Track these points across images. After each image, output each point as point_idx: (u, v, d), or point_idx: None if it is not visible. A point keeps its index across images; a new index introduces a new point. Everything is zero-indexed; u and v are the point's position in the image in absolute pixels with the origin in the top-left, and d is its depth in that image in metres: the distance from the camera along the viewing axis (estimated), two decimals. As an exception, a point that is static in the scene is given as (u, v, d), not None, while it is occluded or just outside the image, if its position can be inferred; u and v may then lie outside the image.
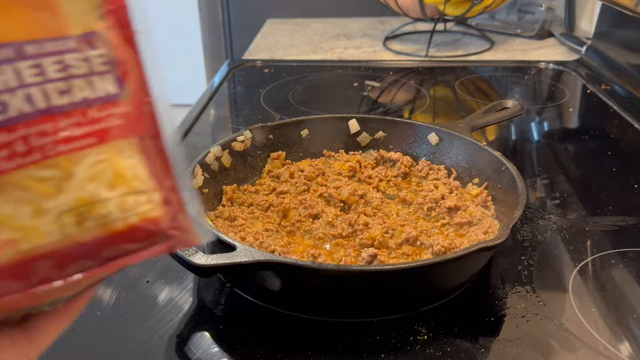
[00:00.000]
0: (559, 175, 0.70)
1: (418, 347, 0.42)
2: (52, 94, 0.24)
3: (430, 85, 1.01)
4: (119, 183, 0.25)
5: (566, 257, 0.53)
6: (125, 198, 0.25)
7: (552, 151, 0.77)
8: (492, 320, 0.45)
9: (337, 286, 0.44)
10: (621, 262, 0.52)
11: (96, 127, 0.25)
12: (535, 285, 0.48)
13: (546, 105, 0.94)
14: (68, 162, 0.24)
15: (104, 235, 0.25)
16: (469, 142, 0.61)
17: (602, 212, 0.60)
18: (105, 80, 0.26)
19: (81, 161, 0.24)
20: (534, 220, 0.58)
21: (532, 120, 0.87)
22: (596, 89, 0.95)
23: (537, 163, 0.75)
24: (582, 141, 0.80)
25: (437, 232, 0.52)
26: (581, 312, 0.45)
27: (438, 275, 0.45)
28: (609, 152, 0.74)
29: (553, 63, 1.08)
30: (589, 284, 0.49)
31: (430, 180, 0.61)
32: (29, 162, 0.23)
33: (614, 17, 1.03)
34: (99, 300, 0.47)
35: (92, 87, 0.25)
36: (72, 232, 0.24)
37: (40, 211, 0.24)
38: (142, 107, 0.27)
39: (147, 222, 0.26)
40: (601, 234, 0.56)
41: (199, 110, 0.89)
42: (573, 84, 1.01)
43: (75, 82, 0.25)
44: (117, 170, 0.25)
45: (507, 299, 0.47)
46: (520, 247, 0.54)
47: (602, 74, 1.00)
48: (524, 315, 0.45)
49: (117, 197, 0.25)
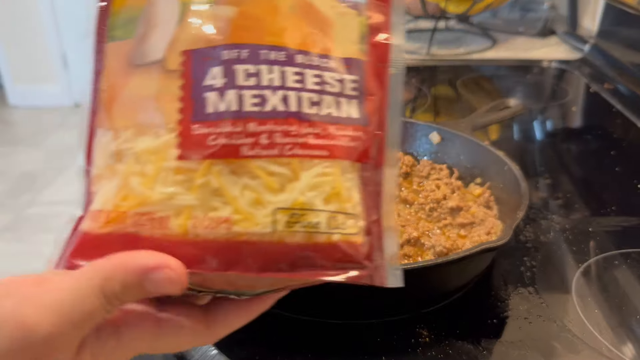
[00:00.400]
0: (561, 175, 0.69)
1: (419, 349, 0.42)
2: (304, 102, 0.26)
3: (432, 83, 1.01)
4: (334, 199, 0.26)
5: (569, 258, 0.52)
6: (336, 215, 0.26)
7: (554, 151, 0.77)
8: (494, 322, 0.45)
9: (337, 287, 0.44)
10: (624, 262, 0.52)
11: (331, 142, 0.27)
12: (537, 287, 0.48)
13: (549, 104, 0.93)
14: (299, 166, 0.26)
15: (307, 243, 0.25)
16: (471, 141, 0.60)
17: (605, 212, 0.60)
18: (351, 104, 0.28)
19: (310, 168, 0.26)
20: (536, 220, 0.58)
21: (535, 120, 0.86)
22: (599, 88, 0.94)
23: (540, 163, 0.74)
24: (585, 141, 0.79)
25: (439, 233, 0.52)
26: (584, 313, 0.45)
27: (440, 276, 0.45)
28: (612, 151, 0.74)
29: (556, 62, 1.08)
30: (592, 285, 0.49)
31: (432, 180, 0.60)
32: (266, 154, 0.25)
33: (618, 16, 1.02)
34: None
35: (338, 106, 0.27)
36: (280, 231, 0.25)
37: (261, 202, 0.25)
38: (374, 138, 0.29)
39: (347, 244, 0.26)
40: (604, 235, 0.56)
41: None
42: (576, 83, 1.00)
43: (326, 97, 0.27)
44: (336, 186, 0.26)
45: (510, 300, 0.47)
46: (523, 247, 0.53)
47: (605, 73, 0.99)
48: (527, 316, 0.45)
49: (328, 212, 0.26)
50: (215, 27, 0.26)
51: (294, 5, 0.28)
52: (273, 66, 0.26)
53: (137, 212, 0.25)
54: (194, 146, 0.25)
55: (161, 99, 0.26)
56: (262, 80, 0.26)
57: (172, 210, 0.25)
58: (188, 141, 0.25)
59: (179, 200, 0.25)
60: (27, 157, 2.51)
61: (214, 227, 0.24)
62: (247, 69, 0.26)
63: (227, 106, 0.25)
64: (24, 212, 2.08)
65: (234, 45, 0.26)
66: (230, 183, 0.25)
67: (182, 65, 0.26)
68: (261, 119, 0.25)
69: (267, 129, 0.25)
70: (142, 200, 0.25)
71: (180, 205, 0.25)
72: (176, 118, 0.25)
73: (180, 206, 0.25)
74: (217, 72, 0.26)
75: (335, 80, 0.27)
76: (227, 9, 0.27)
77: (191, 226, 0.24)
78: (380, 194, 0.29)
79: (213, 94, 0.25)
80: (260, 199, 0.25)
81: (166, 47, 0.27)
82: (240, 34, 0.26)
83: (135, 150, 0.26)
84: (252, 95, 0.25)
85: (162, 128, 0.26)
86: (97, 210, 0.26)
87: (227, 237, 0.25)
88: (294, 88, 0.26)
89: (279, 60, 0.26)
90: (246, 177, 0.25)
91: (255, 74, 0.26)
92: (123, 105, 0.27)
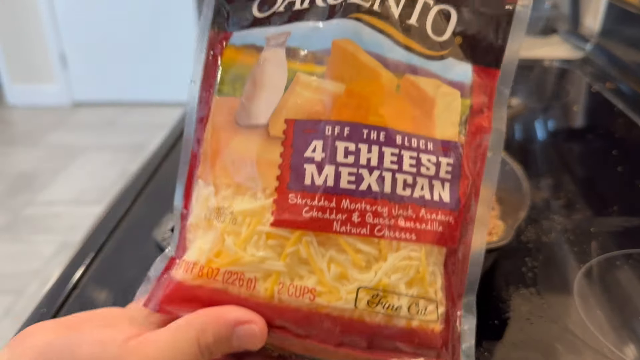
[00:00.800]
0: (563, 175, 0.69)
1: (420, 350, 0.41)
2: (399, 184, 0.26)
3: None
4: (417, 283, 0.26)
5: (571, 259, 0.52)
6: (417, 300, 0.26)
7: (556, 150, 0.76)
8: (495, 323, 0.44)
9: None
10: (626, 263, 0.51)
11: (421, 226, 0.27)
12: (539, 287, 0.48)
13: (550, 103, 0.93)
14: (386, 247, 0.26)
15: (386, 325, 0.26)
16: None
17: (607, 212, 0.59)
18: (444, 188, 0.28)
19: (397, 250, 0.26)
20: (538, 220, 0.57)
21: (536, 119, 0.86)
22: (601, 88, 0.94)
23: (541, 162, 0.74)
24: (587, 140, 0.79)
25: (440, 233, 0.52)
26: (586, 314, 0.45)
27: (440, 277, 0.45)
28: (614, 151, 0.73)
29: (557, 61, 1.07)
30: (594, 285, 0.49)
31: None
32: (356, 232, 0.26)
33: (620, 15, 1.02)
34: (94, 303, 0.46)
35: (431, 189, 0.27)
36: (361, 309, 0.26)
37: (346, 277, 0.26)
38: (464, 223, 0.28)
39: (426, 330, 0.26)
40: (606, 235, 0.55)
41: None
42: (578, 82, 1.00)
43: (420, 180, 0.27)
44: (420, 271, 0.26)
45: (511, 301, 0.46)
46: (524, 248, 0.53)
47: (607, 72, 0.99)
48: (528, 317, 0.44)
49: (411, 296, 0.26)
50: (321, 100, 0.27)
51: (400, 85, 0.28)
52: (372, 146, 0.26)
53: (228, 270, 0.26)
54: (288, 215, 0.26)
55: (261, 163, 0.27)
56: (360, 159, 0.26)
57: (261, 273, 0.26)
58: (283, 209, 0.26)
59: (269, 265, 0.26)
60: (25, 156, 2.50)
61: (298, 296, 0.25)
62: (347, 146, 0.26)
63: (324, 180, 0.26)
64: (22, 212, 2.07)
65: (337, 122, 0.27)
66: (318, 254, 0.26)
67: (285, 134, 0.27)
68: (355, 197, 0.26)
69: (360, 208, 0.26)
70: (234, 260, 0.26)
71: (269, 269, 0.26)
72: (274, 185, 0.26)
73: (269, 270, 0.26)
74: (317, 146, 0.26)
75: (431, 162, 0.27)
76: (334, 85, 0.27)
77: (277, 291, 0.25)
78: (463, 280, 0.28)
79: (312, 167, 0.26)
80: (345, 274, 0.26)
81: (271, 113, 0.27)
82: (345, 111, 0.27)
83: (233, 210, 0.27)
84: (349, 172, 0.26)
85: (260, 192, 0.27)
86: (192, 262, 0.27)
87: (310, 307, 0.25)
88: (389, 169, 0.26)
89: (379, 140, 0.26)
90: (334, 250, 0.26)
91: (354, 152, 0.26)
92: (225, 163, 0.28)
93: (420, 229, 0.26)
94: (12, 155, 2.51)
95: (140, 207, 0.59)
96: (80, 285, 0.48)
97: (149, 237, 0.52)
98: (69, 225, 1.96)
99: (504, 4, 0.30)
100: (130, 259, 0.51)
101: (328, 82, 0.27)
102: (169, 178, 0.64)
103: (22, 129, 2.82)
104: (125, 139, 2.65)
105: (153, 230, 0.52)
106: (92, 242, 0.53)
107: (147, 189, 0.63)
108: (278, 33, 0.29)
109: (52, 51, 2.89)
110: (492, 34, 0.30)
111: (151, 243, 0.51)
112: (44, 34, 2.85)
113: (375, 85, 0.27)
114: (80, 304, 0.45)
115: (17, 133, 2.78)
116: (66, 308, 0.45)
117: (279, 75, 0.28)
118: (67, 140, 2.64)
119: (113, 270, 0.50)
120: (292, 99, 0.27)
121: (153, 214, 0.55)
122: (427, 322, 0.26)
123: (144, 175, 0.66)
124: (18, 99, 2.99)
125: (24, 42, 2.87)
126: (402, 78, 0.28)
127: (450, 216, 0.27)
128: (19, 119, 2.92)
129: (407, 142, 0.27)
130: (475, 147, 0.29)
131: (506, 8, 0.30)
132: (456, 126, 0.29)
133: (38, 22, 2.82)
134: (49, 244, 1.86)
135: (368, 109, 0.27)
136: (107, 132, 2.75)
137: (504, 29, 0.30)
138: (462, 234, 0.28)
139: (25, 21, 2.82)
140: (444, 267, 0.28)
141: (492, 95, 0.30)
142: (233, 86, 0.30)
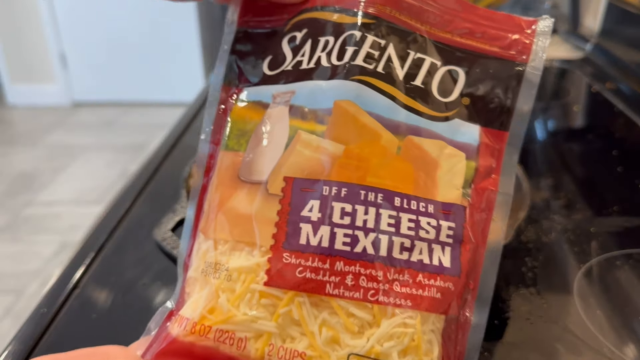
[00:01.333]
0: (563, 175, 0.69)
1: (420, 350, 0.41)
2: (395, 247, 0.26)
3: (433, 83, 1.00)
4: (411, 352, 0.25)
5: (571, 259, 0.52)
6: None
7: (556, 150, 0.76)
8: (495, 323, 0.44)
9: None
10: (626, 263, 0.51)
11: (417, 291, 0.26)
12: (539, 287, 0.48)
13: (550, 103, 0.93)
14: (380, 312, 0.25)
15: None
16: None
17: (607, 212, 0.59)
18: (445, 252, 0.27)
19: (391, 317, 0.25)
20: (538, 220, 0.57)
21: (536, 119, 0.86)
22: (601, 88, 0.94)
23: (541, 162, 0.74)
24: (587, 140, 0.79)
25: (440, 233, 0.52)
26: (586, 314, 0.45)
27: (440, 277, 0.44)
28: (614, 151, 0.73)
29: (557, 61, 1.07)
30: (594, 286, 0.49)
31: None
32: (349, 296, 0.25)
33: (620, 15, 1.02)
34: (94, 303, 0.46)
35: (430, 253, 0.26)
36: None
37: (337, 342, 0.25)
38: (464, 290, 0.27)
39: None
40: (606, 235, 0.55)
41: (196, 109, 0.88)
42: (577, 82, 1.00)
43: (419, 243, 0.26)
44: (415, 339, 0.25)
45: (511, 301, 0.46)
46: (524, 248, 0.53)
47: (607, 73, 0.99)
48: (528, 317, 0.44)
49: None
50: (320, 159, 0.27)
51: (402, 146, 0.28)
52: (369, 207, 0.26)
53: (220, 329, 0.26)
54: (282, 274, 0.25)
55: (259, 220, 0.27)
56: (356, 220, 0.26)
57: (252, 333, 0.25)
58: (277, 268, 0.26)
59: (261, 325, 0.25)
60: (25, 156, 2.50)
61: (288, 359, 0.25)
62: (344, 207, 0.26)
63: (319, 241, 0.25)
64: (21, 212, 2.07)
65: (334, 183, 0.26)
66: (311, 316, 0.25)
67: (283, 191, 0.27)
68: (349, 260, 0.25)
69: (354, 270, 0.25)
70: (226, 318, 0.26)
71: (261, 330, 0.25)
72: (270, 243, 0.26)
73: (260, 330, 0.25)
74: (314, 205, 0.26)
75: (431, 226, 0.27)
76: (334, 145, 0.27)
77: (267, 352, 0.25)
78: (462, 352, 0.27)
79: (308, 226, 0.26)
80: (337, 339, 0.25)
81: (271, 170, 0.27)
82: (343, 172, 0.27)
83: (229, 266, 0.27)
84: (344, 234, 0.26)
85: (256, 249, 0.26)
86: (186, 317, 0.27)
87: None
88: (386, 231, 0.26)
89: (376, 202, 0.26)
90: (327, 312, 0.25)
91: (351, 214, 0.26)
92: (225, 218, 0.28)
93: (417, 294, 0.26)
94: (12, 155, 2.51)
95: (140, 207, 0.59)
96: (80, 285, 0.48)
97: (149, 237, 0.52)
98: (69, 225, 1.96)
99: (514, 65, 0.30)
100: (130, 259, 0.51)
101: (328, 141, 0.27)
102: (169, 178, 0.64)
103: (22, 129, 2.82)
104: (125, 139, 2.65)
105: (153, 230, 0.51)
106: (92, 242, 0.53)
107: (147, 189, 0.63)
108: (284, 91, 0.29)
109: (52, 51, 2.89)
110: (501, 95, 0.30)
111: (151, 243, 0.51)
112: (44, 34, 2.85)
113: (375, 147, 0.27)
114: (80, 304, 0.45)
115: (17, 133, 2.78)
116: (66, 308, 0.45)
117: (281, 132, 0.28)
118: (67, 140, 2.64)
119: (113, 270, 0.50)
120: (292, 157, 0.27)
121: (153, 214, 0.55)
122: None
123: (144, 175, 0.66)
124: (18, 99, 2.99)
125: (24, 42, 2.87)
126: (404, 139, 0.28)
127: (450, 282, 0.27)
128: (19, 119, 2.92)
129: (406, 204, 0.26)
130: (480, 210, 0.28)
131: (516, 69, 0.30)
132: (460, 189, 0.28)
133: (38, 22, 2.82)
134: (49, 244, 1.86)
135: (367, 170, 0.27)
136: (107, 132, 2.75)
137: (513, 90, 0.30)
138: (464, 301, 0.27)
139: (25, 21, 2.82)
140: (442, 336, 0.27)
141: (500, 158, 0.29)
142: (238, 141, 0.30)
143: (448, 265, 0.27)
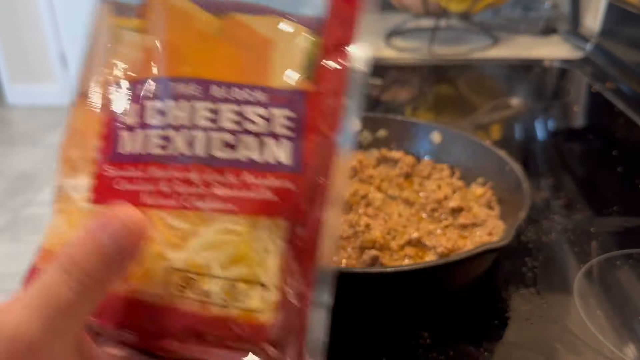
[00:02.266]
0: (563, 175, 0.69)
1: (420, 351, 0.41)
2: (214, 144, 0.23)
3: (433, 82, 1.00)
4: (238, 263, 0.22)
5: (571, 259, 0.52)
6: (236, 283, 0.22)
7: (556, 150, 0.76)
8: (495, 323, 0.44)
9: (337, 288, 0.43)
10: (626, 263, 0.51)
11: (243, 194, 0.22)
12: (539, 287, 0.48)
13: (550, 103, 0.93)
14: (198, 220, 0.22)
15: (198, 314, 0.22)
16: (472, 141, 0.60)
17: (607, 212, 0.60)
18: (280, 147, 0.23)
19: (211, 224, 0.22)
20: (538, 220, 0.57)
21: (536, 119, 0.86)
22: (601, 88, 0.94)
23: (542, 162, 0.74)
24: (587, 140, 0.79)
25: (441, 234, 0.52)
26: (586, 314, 0.45)
27: (441, 277, 0.45)
28: (614, 151, 0.74)
29: (557, 61, 1.07)
30: (594, 286, 0.49)
31: (433, 180, 0.60)
32: (165, 205, 0.22)
33: (620, 15, 1.02)
34: (95, 302, 0.46)
35: (261, 149, 0.23)
36: (173, 294, 0.22)
37: (163, 258, 0.22)
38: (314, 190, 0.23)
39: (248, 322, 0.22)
40: (606, 235, 0.55)
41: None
42: (578, 82, 1.00)
43: (245, 138, 0.23)
44: (242, 248, 0.22)
45: (511, 301, 0.46)
46: (525, 248, 0.53)
47: (607, 72, 0.99)
48: (528, 317, 0.44)
49: (226, 279, 0.22)
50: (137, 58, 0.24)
51: (222, 28, 0.24)
52: (182, 101, 0.23)
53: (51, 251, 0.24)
54: (104, 189, 0.23)
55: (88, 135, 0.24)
56: (168, 119, 0.23)
57: None
58: (100, 184, 0.24)
59: None
60: (25, 156, 2.50)
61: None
62: (155, 105, 0.23)
63: (134, 147, 0.23)
64: (21, 212, 2.07)
65: (144, 80, 0.24)
66: None
67: (103, 100, 0.24)
68: (162, 164, 0.23)
69: (168, 176, 0.22)
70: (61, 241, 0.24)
71: None
72: (94, 156, 0.24)
73: None
74: (130, 109, 0.24)
75: (261, 116, 0.23)
76: (149, 39, 0.24)
77: None
78: (313, 259, 0.23)
79: (126, 133, 0.23)
80: (161, 256, 0.22)
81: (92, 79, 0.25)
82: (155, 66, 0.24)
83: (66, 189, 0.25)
84: (158, 135, 0.23)
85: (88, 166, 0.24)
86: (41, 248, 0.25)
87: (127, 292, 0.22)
88: (203, 127, 0.23)
89: (189, 95, 0.23)
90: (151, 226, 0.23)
91: (162, 112, 0.23)
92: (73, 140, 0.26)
93: (242, 196, 0.22)
94: (12, 155, 2.51)
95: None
96: (81, 286, 0.48)
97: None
98: (69, 225, 1.96)
99: None
100: (131, 259, 0.51)
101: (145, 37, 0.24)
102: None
103: (22, 129, 2.82)
104: (126, 139, 2.65)
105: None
106: (93, 243, 0.53)
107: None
108: None
109: (52, 51, 2.89)
110: None
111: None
112: (44, 34, 2.85)
113: (188, 32, 0.24)
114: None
115: (17, 133, 2.78)
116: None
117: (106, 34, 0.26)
118: (67, 140, 2.64)
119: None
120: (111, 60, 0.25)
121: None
122: (248, 310, 0.22)
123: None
124: (18, 99, 2.99)
125: (24, 42, 2.87)
126: (226, 18, 0.24)
127: (288, 180, 0.22)
128: (18, 118, 2.92)
129: (227, 93, 0.23)
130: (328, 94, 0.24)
131: None
132: (300, 71, 0.24)
133: (38, 22, 2.82)
134: (49, 244, 1.86)
135: (178, 60, 0.24)
136: (107, 132, 2.75)
137: None
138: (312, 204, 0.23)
139: (25, 21, 2.82)
140: (288, 245, 0.23)
141: (351, 28, 0.24)
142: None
143: (285, 160, 0.23)
